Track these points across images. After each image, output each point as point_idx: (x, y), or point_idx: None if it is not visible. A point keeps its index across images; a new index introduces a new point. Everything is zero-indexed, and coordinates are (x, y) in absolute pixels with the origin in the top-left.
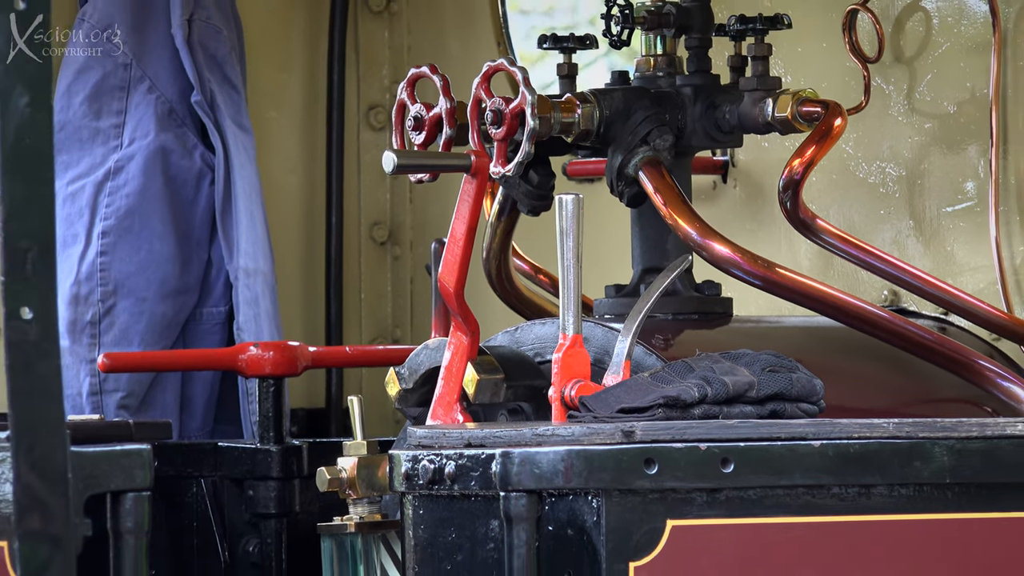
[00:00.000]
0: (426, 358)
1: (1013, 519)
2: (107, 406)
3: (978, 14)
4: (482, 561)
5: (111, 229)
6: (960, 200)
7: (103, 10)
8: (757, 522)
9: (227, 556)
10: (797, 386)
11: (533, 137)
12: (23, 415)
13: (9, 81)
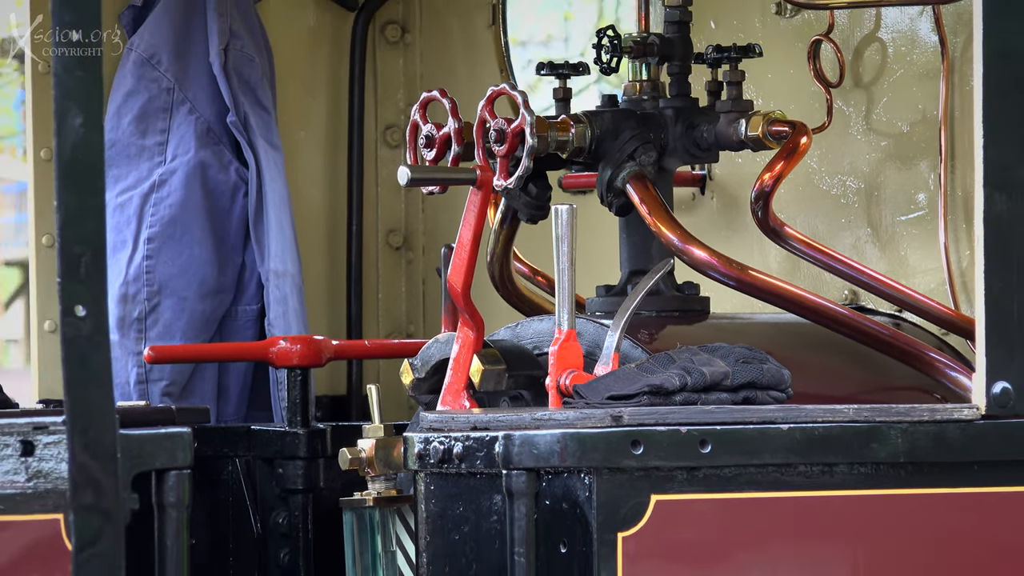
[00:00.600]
0: (436, 351)
1: (959, 494)
2: (152, 394)
3: (928, 44)
4: (486, 532)
5: (156, 236)
6: (912, 210)
7: (149, 40)
8: (732, 497)
9: (259, 527)
10: (767, 376)
11: (532, 154)
12: (77, 402)
13: (64, 103)
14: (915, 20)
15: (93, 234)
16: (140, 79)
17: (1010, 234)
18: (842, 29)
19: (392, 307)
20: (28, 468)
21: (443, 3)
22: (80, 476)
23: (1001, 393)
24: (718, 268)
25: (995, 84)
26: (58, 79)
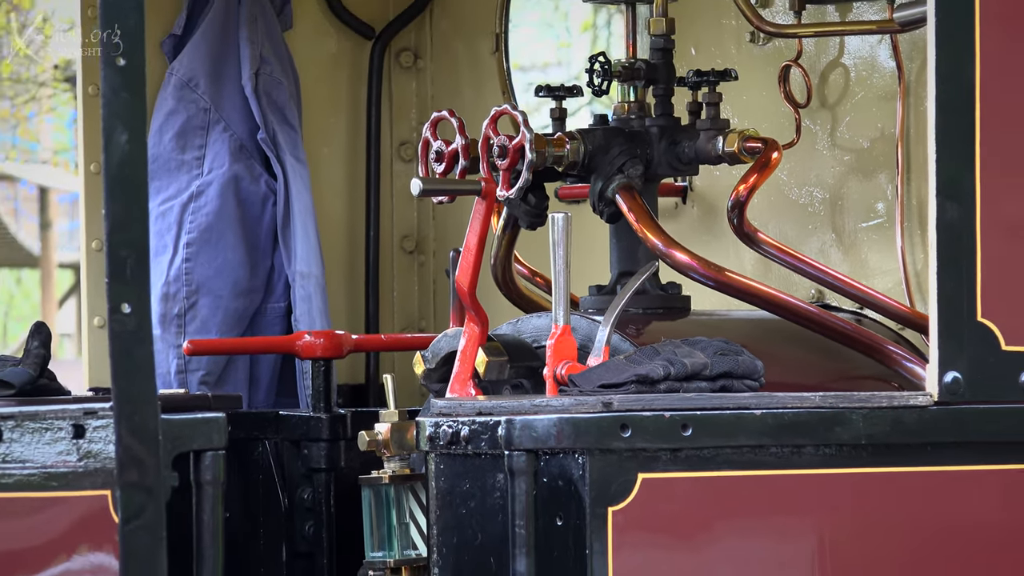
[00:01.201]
0: (446, 344)
1: (915, 472)
2: (190, 383)
3: (887, 69)
4: (490, 506)
5: (194, 241)
6: (872, 218)
7: (188, 66)
8: (710, 475)
9: (287, 503)
10: (742, 366)
11: (531, 167)
12: (123, 390)
13: (112, 122)
14: (875, 47)
15: (137, 239)
16: (180, 100)
17: (960, 239)
18: (809, 55)
19: (406, 304)
20: (79, 449)
21: (451, 32)
22: (126, 456)
23: (952, 382)
24: (698, 270)
25: (946, 105)
26: (106, 101)
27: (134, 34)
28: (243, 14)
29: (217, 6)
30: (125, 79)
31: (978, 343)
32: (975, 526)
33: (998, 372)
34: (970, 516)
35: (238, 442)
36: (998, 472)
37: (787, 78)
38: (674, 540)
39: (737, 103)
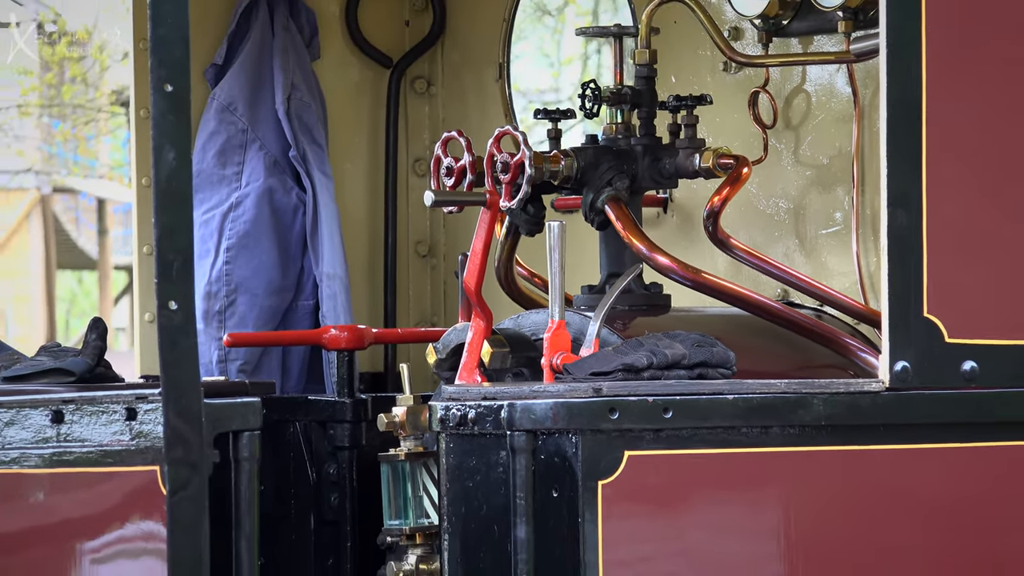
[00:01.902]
0: (455, 337)
1: (869, 451)
2: (230, 371)
3: (844, 94)
4: (494, 480)
5: (233, 246)
6: (831, 226)
7: (227, 91)
8: (688, 452)
9: (314, 476)
10: (717, 357)
11: (530, 181)
12: (170, 377)
13: (160, 140)
14: (833, 75)
15: (183, 245)
16: (221, 122)
17: (908, 244)
18: (775, 82)
19: (419, 302)
20: (132, 430)
21: (460, 62)
22: (173, 436)
23: (901, 371)
24: (677, 272)
25: (895, 126)
26: (155, 122)
27: (180, 64)
28: (276, 46)
29: (254, 39)
30: (172, 103)
31: (924, 336)
32: (923, 497)
33: (942, 362)
34: (918, 489)
35: (272, 424)
36: (943, 450)
37: (756, 102)
38: (657, 510)
39: (712, 124)
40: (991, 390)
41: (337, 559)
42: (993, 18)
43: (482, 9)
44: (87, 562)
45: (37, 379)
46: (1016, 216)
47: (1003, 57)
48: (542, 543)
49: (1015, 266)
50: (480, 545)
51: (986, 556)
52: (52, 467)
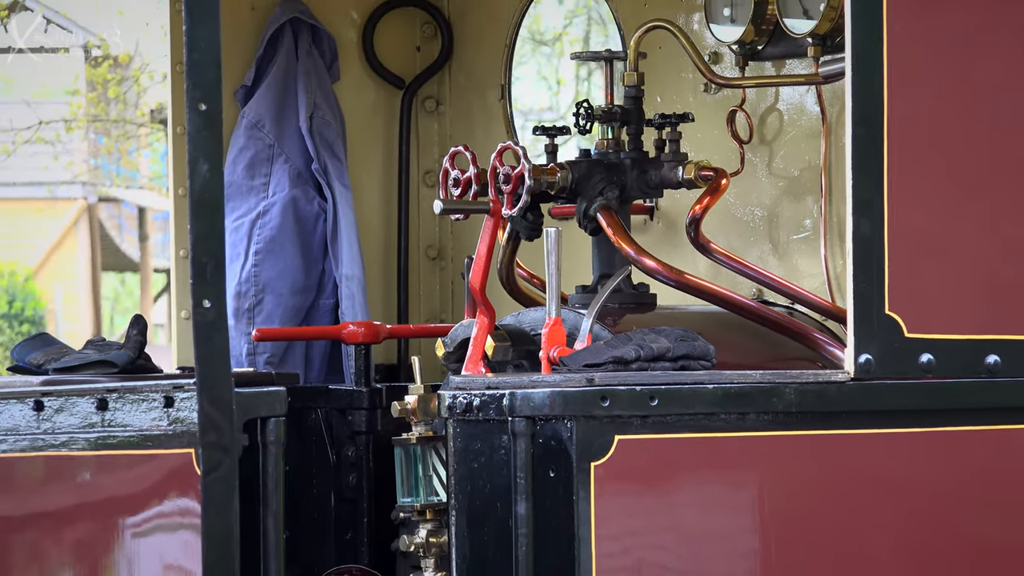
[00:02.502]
0: (461, 332)
1: (836, 435)
2: (258, 363)
3: (813, 113)
4: (497, 462)
5: (260, 250)
6: (801, 232)
7: (256, 110)
8: (672, 437)
9: (335, 458)
10: (698, 350)
11: (530, 191)
12: (204, 368)
13: (195, 154)
14: (803, 96)
15: (215, 249)
16: (250, 138)
17: (871, 248)
18: (751, 102)
19: (429, 300)
20: (169, 416)
21: (466, 84)
22: (206, 422)
23: (865, 362)
24: (662, 273)
25: (859, 141)
26: (191, 138)
27: (213, 85)
28: (300, 69)
29: (280, 63)
30: (206, 121)
31: (886, 331)
32: (885, 477)
33: (902, 354)
34: (880, 469)
35: (295, 411)
36: (903, 434)
37: (733, 120)
38: (644, 489)
39: (693, 140)
40: (946, 380)
41: (355, 533)
42: (949, 46)
43: (486, 36)
44: (129, 536)
45: (84, 370)
46: (968, 224)
47: (956, 81)
48: (540, 519)
49: (967, 268)
50: (484, 520)
51: (942, 530)
52: (97, 450)
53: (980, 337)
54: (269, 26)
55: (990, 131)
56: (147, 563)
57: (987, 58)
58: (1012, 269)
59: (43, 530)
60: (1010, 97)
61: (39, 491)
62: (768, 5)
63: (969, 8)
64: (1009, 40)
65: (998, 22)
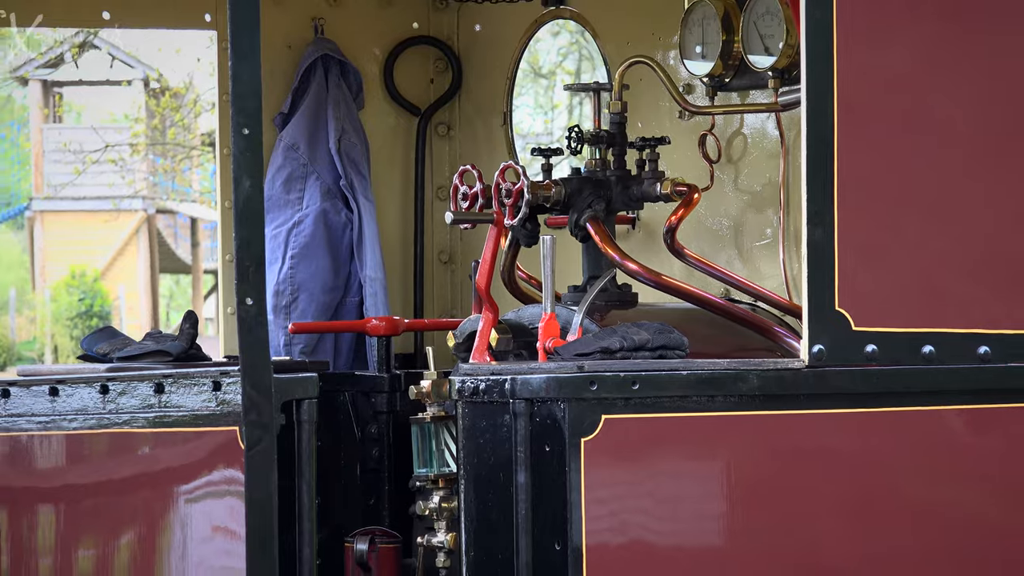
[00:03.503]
0: (469, 325)
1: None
2: (293, 352)
3: (773, 136)
4: (500, 438)
5: (296, 255)
6: (763, 239)
7: (292, 134)
8: (651, 416)
9: (359, 435)
10: (674, 341)
11: (528, 204)
12: (247, 357)
13: (239, 172)
14: (765, 121)
15: (257, 254)
16: (286, 159)
17: (823, 253)
18: (719, 127)
19: (441, 298)
20: (217, 398)
21: (473, 111)
22: (249, 403)
23: (818, 352)
24: (643, 275)
25: (813, 162)
26: (235, 158)
27: (254, 113)
28: (330, 99)
29: (312, 93)
30: (248, 144)
31: (836, 325)
32: (835, 451)
33: (850, 345)
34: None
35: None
36: (850, 414)
37: (704, 142)
38: (627, 462)
39: (670, 160)
40: (888, 367)
41: (377, 499)
42: (892, 79)
43: (490, 70)
44: (182, 501)
45: (143, 359)
46: (907, 233)
47: (898, 109)
48: (537, 486)
49: (906, 271)
50: (489, 488)
51: (883, 496)
52: (155, 427)
53: (917, 330)
54: (303, 62)
55: (927, 153)
56: (198, 525)
57: (925, 90)
58: (944, 272)
59: (109, 496)
60: (944, 124)
61: (105, 463)
62: (734, 43)
63: (910, 46)
64: (945, 74)
65: (936, 58)
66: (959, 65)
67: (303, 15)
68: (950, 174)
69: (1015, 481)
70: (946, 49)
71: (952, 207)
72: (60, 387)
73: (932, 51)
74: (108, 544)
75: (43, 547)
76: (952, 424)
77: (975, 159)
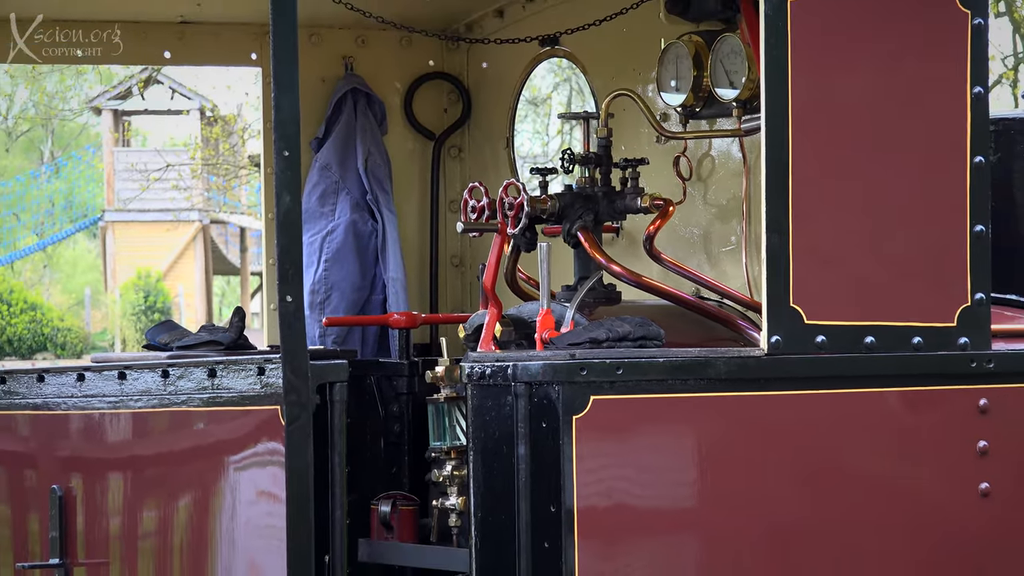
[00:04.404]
0: (477, 319)
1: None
2: (326, 342)
3: (737, 157)
4: (503, 415)
5: (329, 260)
6: (729, 246)
7: (326, 156)
8: (633, 397)
9: (383, 413)
10: (652, 332)
11: (527, 216)
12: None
13: (280, 188)
14: (730, 145)
15: (295, 258)
16: (321, 177)
17: (780, 258)
18: (691, 150)
19: (453, 296)
20: (261, 381)
21: (480, 136)
22: (288, 386)
23: (775, 342)
24: (625, 276)
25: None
26: (277, 176)
27: (293, 138)
28: (358, 126)
29: (343, 121)
30: (288, 164)
31: (791, 319)
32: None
33: (803, 336)
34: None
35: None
36: (804, 395)
37: (678, 163)
38: (612, 436)
39: (649, 178)
40: (835, 355)
41: (398, 468)
42: (837, 108)
43: (495, 101)
44: (231, 470)
45: (198, 348)
46: (852, 240)
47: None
48: (535, 457)
49: (850, 273)
50: (494, 459)
51: (829, 463)
52: (208, 406)
53: (860, 323)
54: (335, 94)
55: (867, 173)
56: (245, 490)
57: (864, 117)
58: (882, 274)
59: (168, 465)
60: (883, 147)
61: (165, 437)
62: (703, 78)
63: (851, 82)
64: (881, 107)
65: (872, 93)
66: (893, 99)
67: (335, 54)
68: (887, 192)
69: (943, 453)
70: (881, 87)
71: (889, 220)
72: (127, 372)
73: (868, 88)
74: (168, 506)
75: (112, 508)
76: (890, 404)
77: (907, 179)
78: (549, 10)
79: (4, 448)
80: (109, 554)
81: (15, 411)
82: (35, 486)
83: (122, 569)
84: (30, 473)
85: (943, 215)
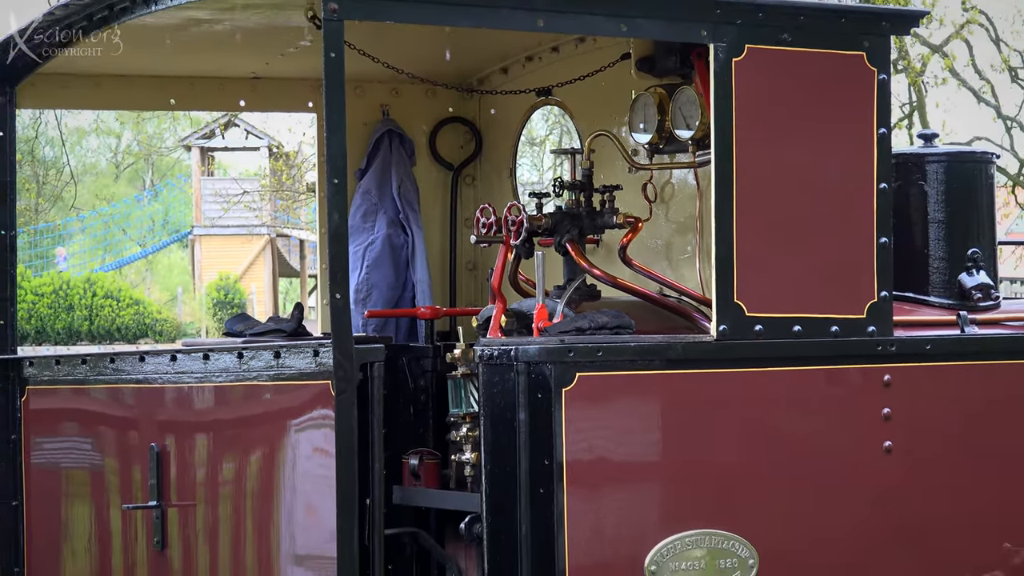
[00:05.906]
0: (486, 312)
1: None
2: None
3: (691, 184)
4: (508, 389)
5: (370, 266)
6: (685, 254)
7: (366, 183)
8: (610, 374)
9: (412, 386)
10: (625, 323)
11: (526, 230)
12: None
13: (330, 209)
14: (687, 174)
15: (343, 265)
16: (363, 200)
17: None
18: (656, 178)
19: (468, 294)
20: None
21: (490, 167)
22: (337, 365)
23: (722, 330)
24: (604, 278)
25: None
26: (328, 200)
27: (341, 169)
28: (392, 159)
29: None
30: (337, 190)
31: (735, 312)
32: (733, 402)
33: (744, 326)
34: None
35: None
36: (745, 372)
37: (646, 188)
38: (594, 404)
39: (623, 201)
40: (770, 340)
41: (424, 430)
42: (775, 145)
43: (501, 140)
44: (293, 431)
45: (267, 335)
46: (783, 249)
47: (780, 167)
48: (533, 421)
49: (783, 274)
50: (500, 422)
51: (767, 432)
52: (275, 381)
53: (789, 315)
54: (374, 134)
55: (797, 195)
56: (303, 446)
57: (794, 153)
58: (807, 276)
59: (243, 428)
60: (812, 176)
61: (240, 405)
62: (666, 121)
63: (784, 124)
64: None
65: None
66: (816, 138)
67: (375, 102)
68: (811, 211)
69: (855, 418)
70: (807, 130)
71: (813, 233)
72: (211, 354)
73: (798, 130)
74: (242, 460)
75: (198, 462)
76: (814, 379)
77: (827, 201)
78: (544, 68)
79: (113, 414)
80: (196, 497)
81: (122, 384)
82: (137, 444)
83: (206, 510)
84: (133, 434)
85: (855, 230)
